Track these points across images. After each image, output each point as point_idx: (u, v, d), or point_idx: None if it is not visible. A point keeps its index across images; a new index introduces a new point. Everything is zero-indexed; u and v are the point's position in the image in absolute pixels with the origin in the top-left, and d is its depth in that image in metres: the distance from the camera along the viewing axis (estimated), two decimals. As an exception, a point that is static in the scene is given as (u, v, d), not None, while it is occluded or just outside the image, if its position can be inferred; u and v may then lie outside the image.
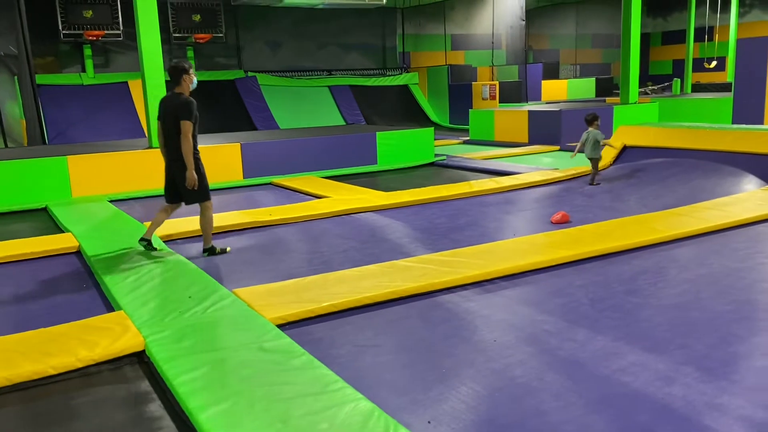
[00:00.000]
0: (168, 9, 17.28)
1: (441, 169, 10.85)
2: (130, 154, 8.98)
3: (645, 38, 30.10)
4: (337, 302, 4.03)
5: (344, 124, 19.07)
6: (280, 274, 4.91)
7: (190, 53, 18.43)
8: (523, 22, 17.67)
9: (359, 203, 7.42)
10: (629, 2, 14.10)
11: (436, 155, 11.63)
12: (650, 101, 16.36)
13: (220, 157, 9.56)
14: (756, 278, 4.45)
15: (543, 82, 22.59)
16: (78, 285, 4.93)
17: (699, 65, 23.68)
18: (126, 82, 16.70)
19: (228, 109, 18.11)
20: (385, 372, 3.23)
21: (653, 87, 24.83)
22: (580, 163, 9.75)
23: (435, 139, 11.70)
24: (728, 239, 5.44)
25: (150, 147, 9.39)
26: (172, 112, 5.14)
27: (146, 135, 10.37)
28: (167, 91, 6.85)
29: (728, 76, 22.63)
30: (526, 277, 4.61)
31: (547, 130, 13.57)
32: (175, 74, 5.22)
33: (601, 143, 8.26)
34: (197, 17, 17.79)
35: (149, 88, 9.22)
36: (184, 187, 5.24)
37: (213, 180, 9.37)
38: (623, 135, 9.37)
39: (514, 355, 3.31)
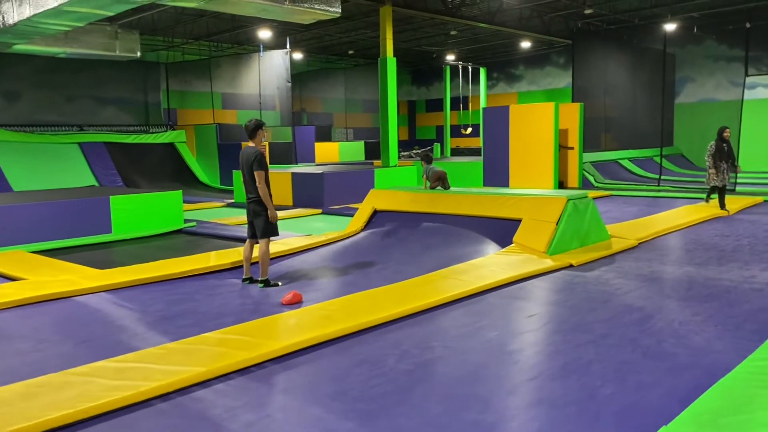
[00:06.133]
0: None
1: (190, 237, 9.83)
2: None
3: (412, 105, 32.33)
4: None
5: (96, 185, 17.12)
6: None
7: None
8: (289, 84, 17.52)
9: (63, 286, 6.10)
10: (385, 76, 14.72)
11: (186, 221, 10.60)
12: (412, 164, 17.07)
13: None
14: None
15: (316, 144, 22.77)
16: None
17: (457, 131, 25.82)
18: None
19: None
20: None
21: (418, 151, 26.45)
22: (341, 226, 9.45)
23: (199, 201, 10.77)
24: (465, 308, 5.25)
25: None
26: (247, 162, 6.06)
27: None
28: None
29: (481, 141, 24.92)
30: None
31: (310, 193, 13.27)
32: (253, 130, 6.12)
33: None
34: None
35: None
36: (258, 223, 6.22)
37: None
38: (373, 199, 9.25)
39: None
